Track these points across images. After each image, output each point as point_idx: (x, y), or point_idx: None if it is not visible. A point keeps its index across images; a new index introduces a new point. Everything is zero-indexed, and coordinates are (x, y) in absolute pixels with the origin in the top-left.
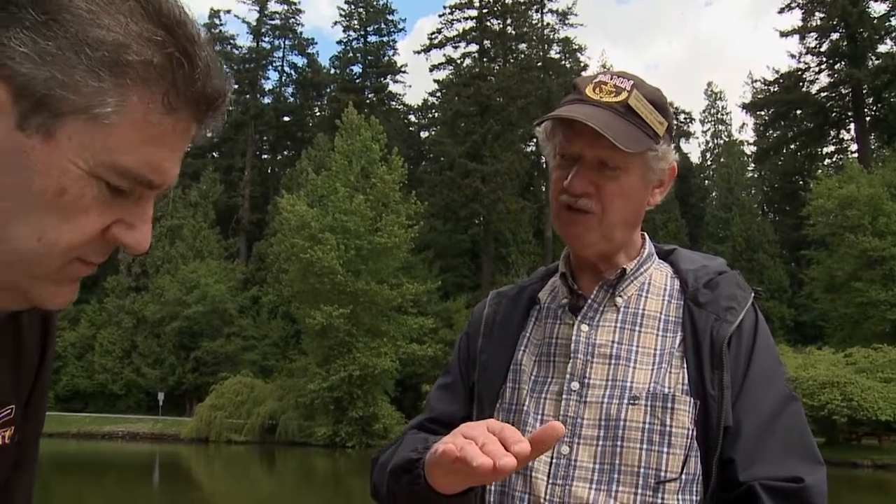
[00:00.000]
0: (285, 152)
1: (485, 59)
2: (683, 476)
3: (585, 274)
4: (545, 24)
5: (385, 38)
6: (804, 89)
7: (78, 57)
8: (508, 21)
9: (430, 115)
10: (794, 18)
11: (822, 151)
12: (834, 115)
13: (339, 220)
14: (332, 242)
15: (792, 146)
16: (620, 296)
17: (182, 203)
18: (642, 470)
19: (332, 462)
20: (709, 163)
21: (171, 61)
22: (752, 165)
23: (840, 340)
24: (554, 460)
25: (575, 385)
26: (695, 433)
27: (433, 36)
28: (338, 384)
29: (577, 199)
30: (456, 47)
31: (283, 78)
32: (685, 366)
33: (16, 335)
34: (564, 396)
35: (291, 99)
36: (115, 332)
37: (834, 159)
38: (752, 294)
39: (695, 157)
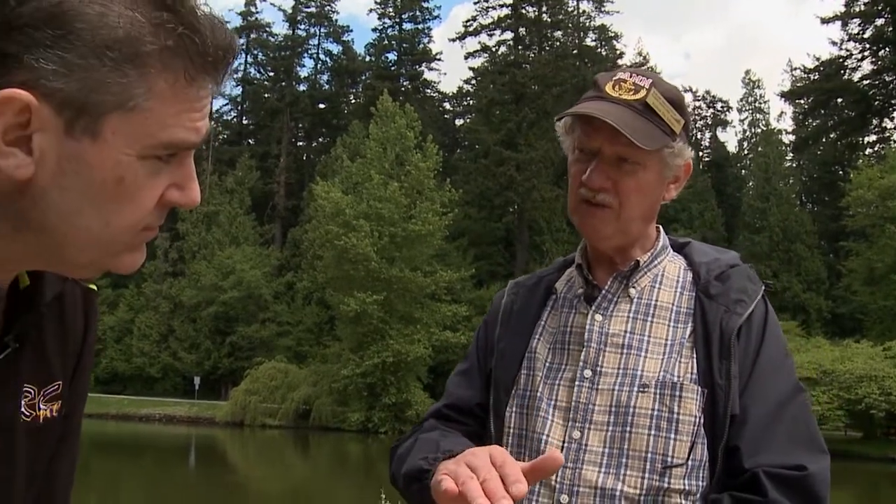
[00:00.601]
0: (320, 139)
1: (520, 47)
2: (690, 462)
3: (601, 265)
4: (581, 11)
5: (420, 26)
6: (845, 77)
7: (100, 61)
8: (544, 8)
9: (465, 103)
10: (837, 4)
11: (863, 141)
12: (877, 103)
13: (374, 208)
14: (366, 229)
15: (832, 135)
16: (634, 287)
17: (218, 189)
18: (650, 455)
19: (365, 447)
20: (746, 152)
21: (182, 40)
22: (791, 155)
23: (879, 333)
24: (565, 444)
25: (587, 372)
26: (702, 421)
27: (468, 23)
28: (371, 370)
29: (595, 194)
30: (491, 35)
31: (319, 65)
32: (695, 355)
33: (62, 316)
34: (577, 383)
35: (327, 86)
36: (152, 317)
37: (876, 149)
38: (763, 287)
39: (731, 147)
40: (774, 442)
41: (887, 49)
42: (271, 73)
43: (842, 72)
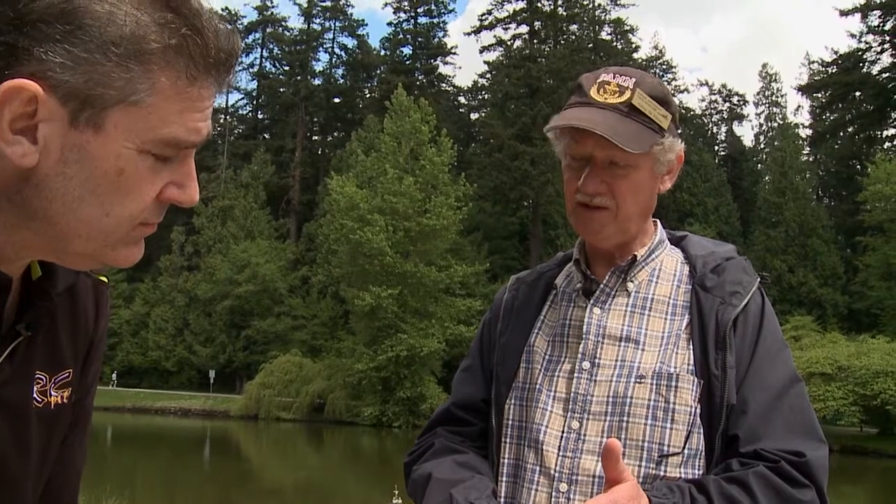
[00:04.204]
0: (335, 134)
1: (535, 41)
2: (686, 451)
3: (599, 260)
4: (596, 4)
5: (435, 20)
6: (864, 70)
7: (106, 56)
8: (559, 2)
9: (480, 97)
10: None
11: (881, 135)
12: None
13: (388, 202)
14: (381, 224)
15: (849, 129)
16: (632, 281)
17: (233, 184)
18: (646, 444)
19: (379, 441)
20: (762, 146)
21: (185, 40)
22: (807, 149)
23: None
24: (564, 434)
25: (586, 364)
26: (698, 411)
27: (483, 17)
28: (385, 364)
29: (591, 198)
30: (506, 29)
31: (334, 59)
32: (691, 347)
33: (74, 306)
34: (576, 375)
35: (342, 80)
36: (168, 311)
37: (894, 143)
38: (758, 279)
39: (748, 141)
40: (773, 430)
41: None
42: (286, 68)
43: (861, 65)
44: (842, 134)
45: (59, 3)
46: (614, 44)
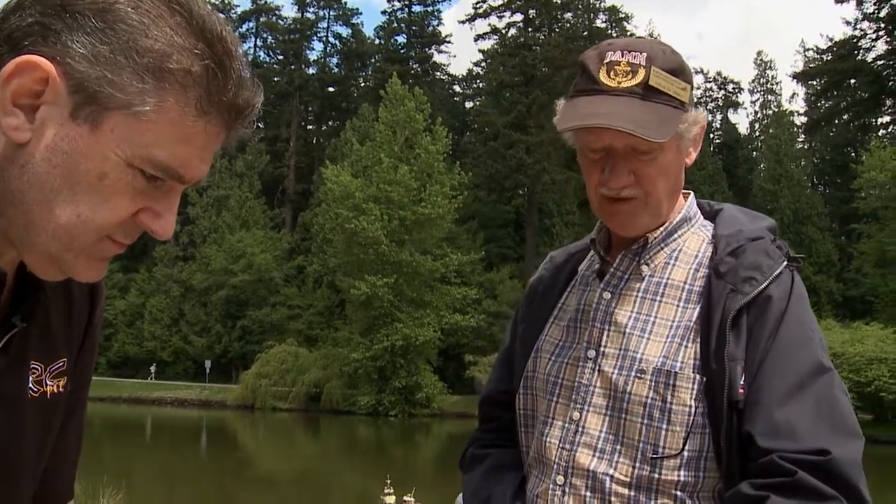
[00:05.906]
0: (330, 123)
1: (530, 29)
2: (686, 453)
3: (619, 241)
4: None
5: (430, 8)
6: (859, 57)
7: (127, 61)
8: None
9: (475, 86)
10: None
11: (876, 122)
12: (891, 83)
13: (384, 191)
14: (376, 213)
15: (844, 116)
16: (646, 264)
17: (228, 173)
18: (641, 444)
19: (375, 430)
20: (757, 134)
21: (207, 71)
22: (802, 137)
23: (890, 316)
24: (566, 425)
25: (591, 353)
26: (702, 411)
27: (478, 5)
28: (381, 354)
29: (619, 192)
30: (501, 17)
31: (328, 48)
32: (699, 340)
33: (67, 295)
34: (581, 363)
35: (336, 69)
36: (163, 301)
37: (889, 130)
38: (784, 262)
39: (743, 128)
40: (791, 424)
41: None
42: (280, 57)
43: (855, 52)
44: (837, 121)
45: (102, 2)
46: (609, 31)
